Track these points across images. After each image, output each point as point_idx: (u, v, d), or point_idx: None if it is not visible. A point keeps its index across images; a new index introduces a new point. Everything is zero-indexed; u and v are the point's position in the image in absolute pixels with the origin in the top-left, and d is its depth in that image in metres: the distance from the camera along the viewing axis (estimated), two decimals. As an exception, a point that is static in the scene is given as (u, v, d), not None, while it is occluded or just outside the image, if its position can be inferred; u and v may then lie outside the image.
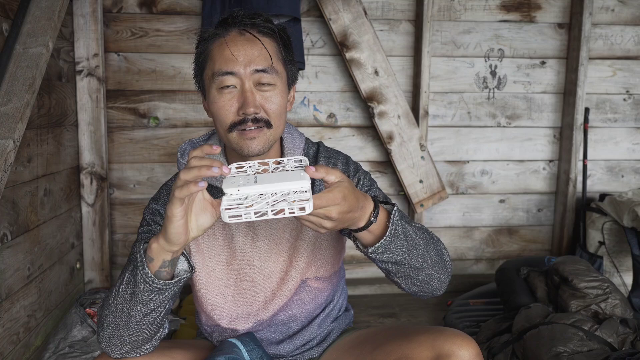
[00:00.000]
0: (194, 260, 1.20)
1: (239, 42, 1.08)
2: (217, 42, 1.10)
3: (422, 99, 2.54)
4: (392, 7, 2.56)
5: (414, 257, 1.05)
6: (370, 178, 1.25)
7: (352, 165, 1.25)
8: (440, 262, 1.11)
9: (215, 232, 1.20)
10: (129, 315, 1.00)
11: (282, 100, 1.11)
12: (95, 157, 2.42)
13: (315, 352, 1.28)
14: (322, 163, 1.22)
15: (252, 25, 1.10)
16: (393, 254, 1.03)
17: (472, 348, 1.05)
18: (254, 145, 1.09)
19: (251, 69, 1.07)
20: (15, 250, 1.77)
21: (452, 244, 2.78)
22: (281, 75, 1.12)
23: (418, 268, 1.07)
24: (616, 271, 2.53)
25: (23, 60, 1.72)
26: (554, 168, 2.78)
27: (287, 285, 1.21)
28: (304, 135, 1.27)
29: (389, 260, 1.04)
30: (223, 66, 1.07)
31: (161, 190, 1.24)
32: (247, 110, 1.06)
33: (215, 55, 1.09)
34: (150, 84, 2.50)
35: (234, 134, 1.09)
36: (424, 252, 1.07)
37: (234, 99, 1.08)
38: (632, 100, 2.77)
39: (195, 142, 1.27)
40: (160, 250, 0.97)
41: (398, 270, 1.06)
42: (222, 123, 1.09)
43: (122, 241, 2.58)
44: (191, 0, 2.46)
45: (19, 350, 1.79)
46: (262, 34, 1.10)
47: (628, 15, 2.69)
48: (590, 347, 1.62)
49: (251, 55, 1.07)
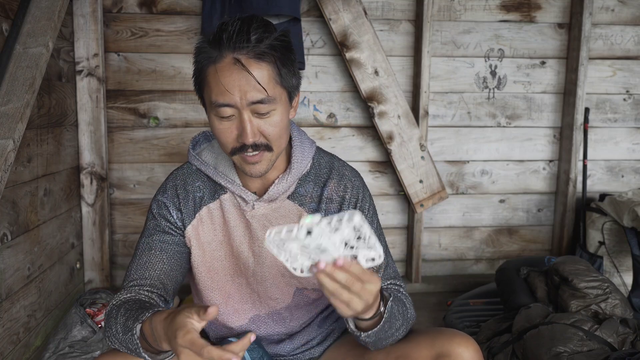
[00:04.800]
0: (194, 255, 1.21)
1: (233, 73, 1.02)
2: (212, 69, 1.04)
3: (422, 99, 2.54)
4: (392, 7, 2.56)
5: (392, 330, 1.09)
6: (373, 210, 1.25)
7: (363, 191, 1.23)
8: (409, 325, 1.15)
9: (216, 228, 1.21)
10: (135, 355, 1.04)
11: (282, 121, 1.08)
12: (95, 157, 2.42)
13: (315, 352, 1.28)
14: (333, 186, 1.20)
15: (246, 50, 1.02)
16: (378, 334, 1.06)
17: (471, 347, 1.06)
18: (256, 169, 1.10)
19: (247, 101, 1.03)
20: (15, 250, 1.77)
21: (452, 244, 2.78)
22: (280, 97, 1.07)
23: (389, 336, 1.10)
24: (616, 271, 2.53)
25: (23, 60, 1.72)
26: (554, 168, 2.78)
27: (281, 291, 1.22)
28: (314, 145, 1.24)
29: (370, 340, 1.07)
30: (219, 98, 1.03)
31: (168, 181, 1.24)
32: (245, 141, 1.05)
33: (210, 82, 1.05)
34: (150, 84, 2.50)
35: (237, 157, 1.09)
36: (400, 324, 1.11)
37: (233, 126, 1.06)
38: (632, 100, 2.77)
39: (208, 134, 1.27)
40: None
41: (375, 342, 1.09)
42: (224, 147, 1.10)
43: (122, 241, 2.58)
44: (191, 0, 2.46)
45: (19, 350, 1.79)
46: (257, 59, 1.02)
47: (628, 15, 2.69)
48: (590, 347, 1.62)
49: (245, 88, 1.02)
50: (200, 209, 1.20)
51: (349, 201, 1.20)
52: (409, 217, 2.71)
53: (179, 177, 1.23)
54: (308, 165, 1.21)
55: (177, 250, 1.19)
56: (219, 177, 1.18)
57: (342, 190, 1.21)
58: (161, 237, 1.18)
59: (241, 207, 1.18)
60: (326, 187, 1.20)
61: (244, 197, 1.17)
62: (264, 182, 1.19)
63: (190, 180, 1.22)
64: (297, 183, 1.20)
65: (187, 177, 1.22)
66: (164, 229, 1.19)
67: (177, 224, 1.20)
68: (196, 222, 1.20)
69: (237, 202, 1.19)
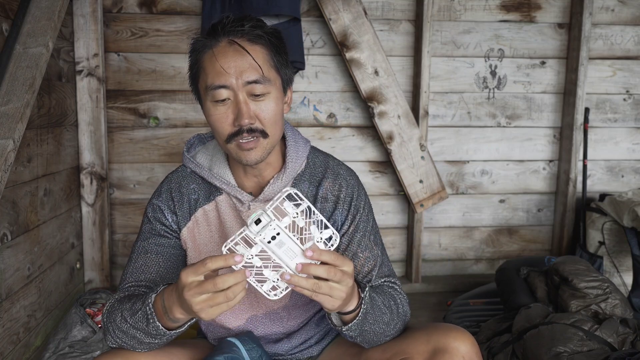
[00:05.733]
0: (190, 257, 1.21)
1: (229, 54, 1.06)
2: (208, 54, 1.08)
3: (422, 99, 2.54)
4: (392, 7, 2.56)
5: (378, 324, 1.09)
6: (368, 209, 1.25)
7: (358, 190, 1.23)
8: (402, 322, 1.16)
9: (212, 229, 1.21)
10: (140, 341, 1.06)
11: (276, 107, 1.10)
12: (95, 157, 2.42)
13: (314, 351, 1.28)
14: (328, 185, 1.21)
15: (241, 34, 1.07)
16: (362, 326, 1.07)
17: (467, 341, 1.06)
18: (251, 155, 1.10)
19: (243, 81, 1.06)
20: (15, 250, 1.77)
21: (452, 244, 2.78)
22: (274, 82, 1.10)
23: (378, 331, 1.10)
24: (616, 271, 2.53)
25: (23, 60, 1.72)
26: (554, 168, 2.78)
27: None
28: (309, 143, 1.25)
29: (355, 334, 1.08)
30: (215, 80, 1.06)
31: (163, 184, 1.24)
32: (241, 122, 1.06)
33: (207, 67, 1.08)
34: (150, 84, 2.50)
35: (232, 145, 1.10)
36: (389, 319, 1.11)
37: (229, 110, 1.08)
38: (632, 100, 2.76)
39: (203, 137, 1.28)
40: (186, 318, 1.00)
41: (363, 338, 1.10)
42: (220, 134, 1.10)
43: (122, 241, 2.58)
44: (191, 0, 2.46)
45: (19, 350, 1.79)
46: (252, 42, 1.08)
47: (628, 15, 2.69)
48: (590, 347, 1.62)
49: (241, 67, 1.06)
50: (196, 211, 1.20)
51: (344, 200, 1.20)
52: (409, 217, 2.71)
53: (174, 180, 1.23)
54: (303, 164, 1.21)
55: (173, 253, 1.19)
56: (214, 179, 1.18)
57: (337, 189, 1.21)
58: (157, 241, 1.18)
59: (237, 208, 1.18)
60: (321, 186, 1.20)
61: (239, 197, 1.17)
62: (260, 183, 1.19)
63: (185, 182, 1.22)
64: (292, 183, 1.20)
65: (182, 180, 1.22)
66: (160, 232, 1.19)
67: (172, 227, 1.20)
68: (192, 225, 1.20)
69: (232, 203, 1.19)
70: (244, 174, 1.19)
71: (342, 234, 1.20)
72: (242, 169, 1.18)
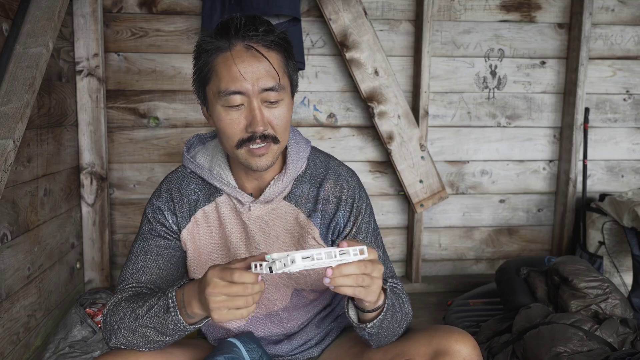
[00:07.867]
0: (190, 258, 1.21)
1: (246, 59, 1.04)
2: (222, 57, 1.05)
3: (422, 99, 2.54)
4: (392, 7, 2.56)
5: (393, 323, 1.10)
6: (370, 210, 1.24)
7: (359, 191, 1.23)
8: (407, 322, 1.16)
9: (212, 230, 1.20)
10: (148, 339, 1.05)
11: (288, 113, 1.10)
12: (95, 157, 2.42)
13: (314, 352, 1.28)
14: (330, 186, 1.20)
15: (255, 39, 1.05)
16: (382, 323, 1.07)
17: (469, 344, 1.06)
18: (262, 161, 1.09)
19: (259, 88, 1.04)
20: (15, 250, 1.77)
21: (452, 244, 2.78)
22: (287, 89, 1.09)
23: (391, 329, 1.11)
24: (616, 271, 2.53)
25: (23, 60, 1.72)
26: (554, 168, 2.78)
27: (279, 292, 1.21)
28: (310, 144, 1.24)
29: (374, 332, 1.08)
30: (230, 85, 1.04)
31: (162, 185, 1.23)
32: (255, 129, 1.05)
33: (220, 71, 1.05)
34: (150, 84, 2.50)
35: (242, 151, 1.08)
36: (401, 318, 1.12)
37: (242, 116, 1.06)
38: (632, 100, 2.77)
39: (203, 137, 1.27)
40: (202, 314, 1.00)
41: (378, 337, 1.10)
42: (230, 140, 1.08)
43: (122, 241, 2.58)
44: (191, 0, 2.46)
45: (19, 350, 1.79)
46: (268, 48, 1.05)
47: (628, 15, 2.69)
48: (590, 347, 1.62)
49: (259, 73, 1.04)
50: (196, 211, 1.20)
51: (345, 202, 1.20)
52: (409, 217, 2.71)
53: (174, 181, 1.22)
54: (303, 166, 1.21)
55: (173, 254, 1.19)
56: (214, 180, 1.18)
57: (339, 190, 1.20)
58: (157, 242, 1.17)
59: (237, 209, 1.17)
60: (322, 187, 1.20)
61: (239, 198, 1.16)
62: (260, 184, 1.18)
63: (184, 183, 1.21)
64: (293, 184, 1.19)
65: (182, 181, 1.22)
66: (160, 234, 1.18)
67: (172, 228, 1.19)
68: (191, 226, 1.19)
69: (232, 204, 1.18)
70: (245, 175, 1.18)
71: (344, 236, 1.19)
72: (242, 170, 1.17)
